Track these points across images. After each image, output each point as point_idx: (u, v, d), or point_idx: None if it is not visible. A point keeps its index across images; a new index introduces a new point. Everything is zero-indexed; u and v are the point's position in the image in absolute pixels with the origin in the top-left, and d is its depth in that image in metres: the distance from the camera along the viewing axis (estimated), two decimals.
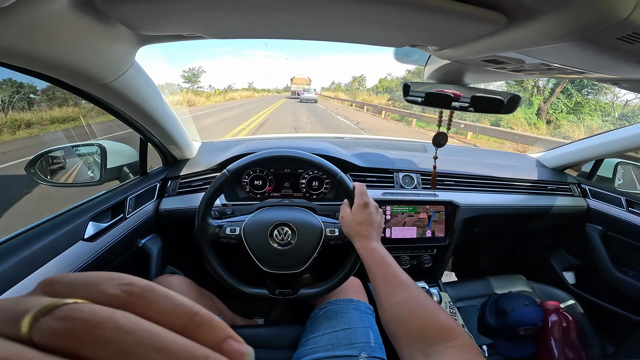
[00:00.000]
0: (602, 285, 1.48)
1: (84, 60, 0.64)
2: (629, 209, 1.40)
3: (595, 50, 0.51)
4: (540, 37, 0.50)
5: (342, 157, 1.33)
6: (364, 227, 0.84)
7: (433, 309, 0.61)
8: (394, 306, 0.65)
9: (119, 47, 0.69)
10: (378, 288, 0.71)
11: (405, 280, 0.69)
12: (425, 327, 0.58)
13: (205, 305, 0.86)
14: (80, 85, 0.73)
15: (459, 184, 1.41)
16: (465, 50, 0.64)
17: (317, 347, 0.90)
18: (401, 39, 0.66)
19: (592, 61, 0.58)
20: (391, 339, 0.63)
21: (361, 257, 0.81)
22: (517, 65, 0.69)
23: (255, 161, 0.92)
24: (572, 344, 1.25)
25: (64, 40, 0.55)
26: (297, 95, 41.02)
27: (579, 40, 0.48)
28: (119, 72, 0.74)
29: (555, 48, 0.52)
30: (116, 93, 0.81)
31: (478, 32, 0.54)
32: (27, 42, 0.51)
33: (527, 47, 0.54)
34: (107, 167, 1.13)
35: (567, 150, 1.60)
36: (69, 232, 0.82)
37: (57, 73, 0.65)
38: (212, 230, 0.92)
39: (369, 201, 0.88)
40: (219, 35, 0.63)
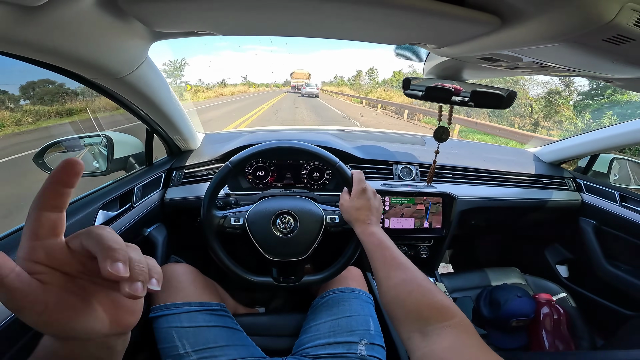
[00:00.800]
0: (594, 279, 1.51)
1: (103, 55, 0.67)
2: (622, 204, 1.43)
3: (583, 51, 0.54)
4: (531, 37, 0.53)
5: (342, 149, 1.36)
6: (363, 212, 0.87)
7: (429, 289, 0.62)
8: (392, 287, 0.67)
9: (135, 43, 0.72)
10: (377, 271, 0.72)
11: (403, 262, 0.71)
12: (421, 307, 0.59)
13: (208, 293, 0.90)
14: (98, 79, 0.76)
15: (457, 177, 1.44)
16: (462, 49, 0.67)
17: (318, 334, 0.94)
18: (401, 37, 0.69)
19: (581, 61, 0.61)
20: (390, 320, 0.65)
21: (361, 242, 0.83)
22: (512, 63, 0.72)
23: (256, 153, 0.96)
24: (563, 336, 1.28)
25: (86, 36, 0.59)
26: (297, 89, 40.75)
27: (567, 42, 0.51)
28: (133, 66, 0.78)
29: (546, 48, 0.55)
30: (130, 86, 0.84)
31: (473, 32, 0.57)
32: (55, 39, 0.54)
33: (520, 47, 0.57)
34: (114, 157, 1.15)
35: (564, 145, 1.62)
36: (81, 221, 0.85)
37: (78, 68, 0.68)
38: (217, 221, 0.95)
39: (366, 187, 0.91)
40: (229, 33, 0.66)
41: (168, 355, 0.84)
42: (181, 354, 0.83)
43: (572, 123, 10.57)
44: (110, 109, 5.00)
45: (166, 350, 0.85)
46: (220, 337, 0.88)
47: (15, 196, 3.76)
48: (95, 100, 8.34)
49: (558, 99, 11.37)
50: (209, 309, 0.93)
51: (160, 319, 0.89)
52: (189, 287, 0.96)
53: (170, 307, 0.90)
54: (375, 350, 0.92)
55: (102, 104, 6.81)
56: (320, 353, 0.89)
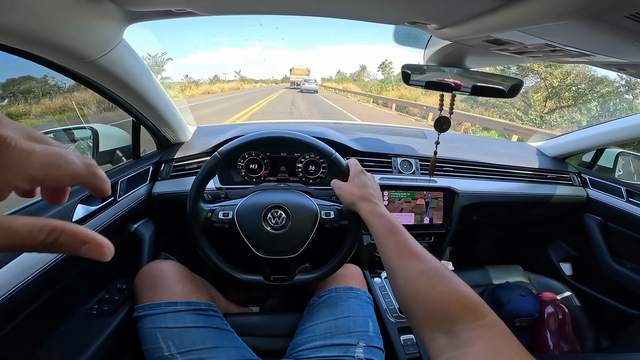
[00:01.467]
0: (599, 277, 1.47)
1: (67, 36, 0.61)
2: (629, 200, 1.39)
3: (602, 30, 0.49)
4: (543, 13, 0.47)
5: (340, 141, 1.31)
6: (367, 190, 0.80)
7: (455, 282, 0.54)
8: (409, 280, 0.58)
9: (105, 24, 0.66)
10: (390, 260, 0.63)
11: (421, 250, 0.63)
12: (447, 304, 0.51)
13: (196, 291, 0.85)
14: (64, 62, 0.71)
15: (458, 171, 1.40)
16: (466, 29, 0.62)
17: (315, 335, 0.89)
18: (400, 15, 0.63)
19: (598, 42, 0.56)
20: (408, 319, 0.57)
21: (368, 224, 0.74)
22: (519, 46, 0.67)
23: (247, 143, 0.90)
24: (567, 337, 1.24)
25: (45, 15, 0.53)
26: (296, 85, 40.73)
27: (584, 18, 0.45)
28: (105, 49, 0.72)
29: (560, 26, 0.50)
30: (103, 71, 0.78)
31: (479, 7, 0.52)
32: (9, 18, 0.49)
33: (530, 25, 0.52)
34: (99, 150, 1.11)
35: (568, 140, 1.58)
36: (57, 215, 0.79)
37: (38, 49, 0.63)
38: (205, 215, 0.90)
39: (364, 170, 0.86)
40: (209, 11, 0.61)
41: (152, 356, 0.80)
42: (166, 355, 0.78)
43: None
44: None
45: (150, 352, 0.81)
46: (208, 339, 0.84)
47: None
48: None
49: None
50: (197, 308, 0.89)
51: (144, 318, 0.85)
52: (175, 286, 0.91)
53: (154, 307, 0.85)
54: (374, 353, 0.87)
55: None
56: (315, 356, 0.85)
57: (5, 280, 0.64)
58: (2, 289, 0.62)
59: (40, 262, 0.71)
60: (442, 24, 0.64)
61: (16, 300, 0.65)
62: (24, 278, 0.67)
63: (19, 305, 0.68)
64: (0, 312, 0.62)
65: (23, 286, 0.66)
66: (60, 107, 7.22)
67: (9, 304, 0.63)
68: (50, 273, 0.73)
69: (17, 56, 0.62)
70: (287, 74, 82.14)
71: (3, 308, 0.62)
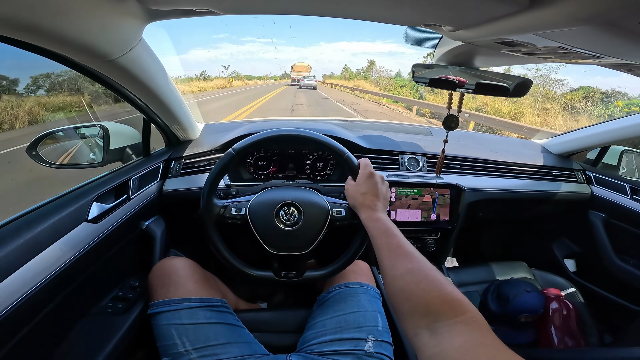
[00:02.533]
0: (602, 273, 1.49)
1: (91, 34, 0.62)
2: (633, 197, 1.40)
3: (616, 34, 0.50)
4: (562, 19, 0.48)
5: (347, 138, 1.32)
6: (369, 197, 0.83)
7: (439, 280, 0.58)
8: (397, 278, 0.62)
9: (128, 22, 0.67)
10: (382, 259, 0.68)
11: (411, 250, 0.67)
12: (430, 300, 0.55)
13: (208, 288, 0.87)
14: (86, 61, 0.72)
15: (465, 168, 1.41)
16: (481, 32, 0.63)
17: (325, 330, 0.91)
18: (417, 17, 0.64)
19: (611, 45, 0.57)
20: (395, 314, 0.61)
21: (366, 228, 0.79)
22: (532, 48, 0.68)
23: (261, 140, 0.91)
24: (572, 332, 1.26)
25: (71, 13, 0.54)
26: (297, 82, 40.39)
27: (600, 24, 0.47)
28: (126, 48, 0.73)
29: (575, 31, 0.51)
30: (122, 70, 0.79)
31: (498, 11, 0.53)
32: (32, 15, 0.50)
33: (547, 29, 0.53)
34: (110, 148, 1.12)
35: (573, 137, 1.58)
36: (73, 213, 0.81)
37: (62, 48, 0.64)
38: (217, 211, 0.91)
39: (374, 172, 0.87)
40: (229, 10, 0.61)
41: (167, 353, 0.81)
42: (181, 352, 0.80)
43: None
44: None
45: (165, 348, 0.82)
46: (221, 334, 0.85)
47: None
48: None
49: None
50: (210, 305, 0.90)
51: (159, 315, 0.86)
52: (188, 282, 0.93)
53: (169, 304, 0.87)
54: (383, 347, 0.89)
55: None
56: (326, 350, 0.86)
57: (26, 279, 0.65)
58: (22, 289, 0.64)
59: (57, 262, 0.72)
60: (457, 26, 0.65)
61: (36, 299, 0.66)
62: (42, 278, 0.68)
63: (39, 305, 0.69)
64: (21, 311, 0.63)
65: (42, 286, 0.67)
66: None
67: (28, 303, 0.64)
68: (66, 272, 0.74)
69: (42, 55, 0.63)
70: (287, 71, 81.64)
71: (23, 308, 0.63)
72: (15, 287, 0.62)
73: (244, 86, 44.75)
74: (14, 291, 0.62)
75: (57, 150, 1.12)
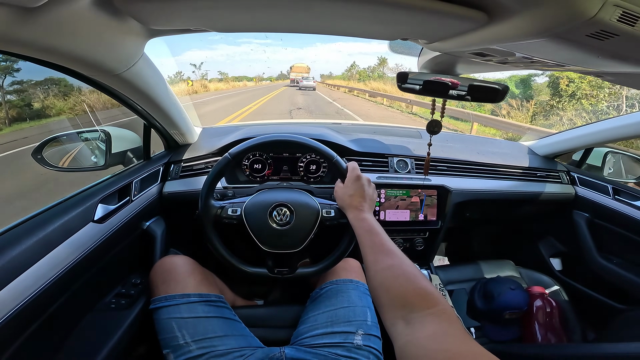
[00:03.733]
0: (586, 272, 1.52)
1: (100, 53, 0.69)
2: (615, 197, 1.44)
3: (569, 46, 0.55)
4: (517, 33, 0.54)
5: (339, 142, 1.38)
6: (356, 198, 0.89)
7: (414, 275, 0.64)
8: (378, 272, 0.69)
9: (131, 40, 0.74)
10: (366, 255, 0.74)
11: (392, 248, 0.73)
12: (406, 293, 0.61)
13: (207, 284, 0.93)
14: (96, 76, 0.78)
15: (452, 169, 1.46)
16: (452, 44, 0.69)
17: (317, 324, 0.95)
18: (392, 33, 0.70)
19: (567, 56, 0.62)
20: (376, 306, 0.66)
21: (352, 227, 0.85)
22: (502, 57, 0.74)
23: (256, 145, 0.97)
24: (555, 329, 1.30)
25: (84, 35, 0.61)
26: (296, 83, 40.12)
27: (552, 37, 0.52)
28: (130, 63, 0.79)
29: (534, 43, 0.56)
30: (127, 83, 0.86)
31: (461, 28, 0.59)
32: (53, 38, 0.56)
33: (507, 42, 0.59)
34: (112, 152, 1.17)
35: (558, 139, 1.63)
36: (81, 214, 0.86)
37: (76, 65, 0.70)
38: (215, 211, 0.97)
39: (360, 175, 0.93)
40: (224, 30, 0.68)
41: (168, 345, 0.86)
42: (181, 344, 0.85)
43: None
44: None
45: (166, 341, 0.87)
46: (219, 328, 0.90)
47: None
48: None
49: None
50: (208, 300, 0.95)
51: (160, 310, 0.91)
52: (187, 279, 0.98)
53: (170, 299, 0.92)
54: (372, 340, 0.93)
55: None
56: (317, 343, 0.90)
57: (38, 276, 0.70)
58: (35, 285, 0.68)
59: (66, 260, 0.77)
60: (430, 40, 0.71)
61: (47, 295, 0.71)
62: (53, 274, 0.73)
63: (49, 300, 0.74)
64: (34, 306, 0.68)
65: (53, 282, 0.72)
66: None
67: (40, 298, 0.69)
68: (74, 270, 0.79)
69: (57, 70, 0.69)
70: (283, 71, 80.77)
71: (36, 302, 0.68)
72: (29, 283, 0.67)
73: (228, 90, 37.45)
74: (29, 286, 0.67)
75: (62, 153, 1.17)
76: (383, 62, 50.06)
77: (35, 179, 4.10)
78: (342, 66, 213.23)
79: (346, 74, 65.46)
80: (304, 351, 0.89)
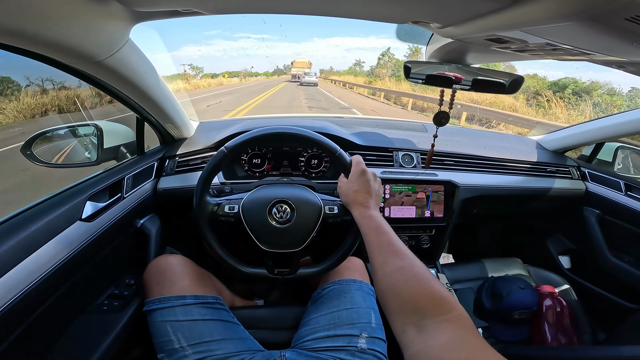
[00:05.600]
0: (597, 270, 1.49)
1: (76, 37, 0.62)
2: (628, 193, 1.40)
3: (603, 31, 0.50)
4: (546, 15, 0.48)
5: (341, 135, 1.32)
6: (361, 194, 0.84)
7: (427, 278, 0.59)
8: (387, 275, 0.63)
9: (113, 24, 0.67)
10: (373, 256, 0.69)
11: (401, 248, 0.68)
12: (417, 297, 0.56)
13: (203, 285, 0.88)
14: (73, 62, 0.72)
15: (459, 164, 1.41)
16: (468, 28, 0.63)
17: (318, 327, 0.91)
18: (403, 14, 0.64)
19: (598, 42, 0.57)
20: (384, 310, 0.61)
21: (358, 225, 0.80)
22: (521, 45, 0.68)
23: (253, 138, 0.91)
24: (565, 329, 1.26)
25: (55, 17, 0.54)
26: (297, 78, 39.79)
27: (586, 20, 0.46)
28: (113, 49, 0.73)
29: (561, 27, 0.51)
30: (110, 70, 0.79)
31: (483, 8, 0.53)
32: (17, 19, 0.50)
33: (533, 26, 0.53)
34: (104, 147, 1.12)
35: (568, 133, 1.59)
36: (67, 212, 0.81)
37: (48, 50, 0.64)
38: (211, 209, 0.92)
39: (366, 169, 0.88)
40: (215, 10, 0.62)
41: (163, 349, 0.82)
42: (176, 348, 0.81)
43: None
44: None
45: (161, 345, 0.83)
46: (216, 331, 0.86)
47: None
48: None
49: None
50: (204, 301, 0.91)
51: (154, 312, 0.87)
52: (183, 280, 0.94)
53: (164, 301, 0.88)
54: (376, 343, 0.89)
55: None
56: (319, 346, 0.87)
57: (20, 278, 0.65)
58: (17, 287, 0.64)
59: (51, 261, 0.73)
60: (444, 23, 0.65)
61: (31, 297, 0.67)
62: (37, 276, 0.69)
63: (35, 302, 0.70)
64: (18, 309, 0.64)
65: (37, 284, 0.68)
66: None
67: (25, 301, 0.65)
68: (61, 270, 0.75)
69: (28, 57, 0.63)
70: (280, 66, 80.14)
71: (20, 305, 0.64)
72: (11, 286, 0.63)
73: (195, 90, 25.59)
74: (10, 289, 0.63)
75: (52, 149, 1.13)
76: (386, 58, 38.86)
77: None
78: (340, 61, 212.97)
79: (353, 69, 60.65)
80: (305, 355, 0.85)
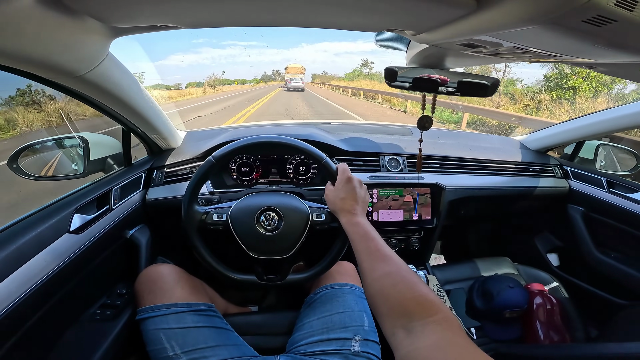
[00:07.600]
0: (584, 267, 1.50)
1: (55, 53, 0.63)
2: (610, 190, 1.42)
3: (564, 34, 0.52)
4: (509, 19, 0.50)
5: (328, 142, 1.34)
6: (348, 201, 0.85)
7: (414, 282, 0.61)
8: (376, 280, 0.65)
9: (92, 40, 0.68)
10: (361, 262, 0.71)
11: (389, 254, 0.69)
12: (405, 301, 0.57)
13: (195, 293, 0.89)
14: (54, 78, 0.73)
15: (444, 167, 1.43)
16: (440, 34, 0.65)
17: (312, 331, 0.92)
18: (377, 23, 0.66)
19: (562, 44, 0.59)
20: (374, 314, 0.63)
21: (346, 232, 0.81)
22: (492, 49, 0.70)
23: (240, 147, 0.93)
24: (557, 327, 1.27)
25: (33, 35, 0.55)
26: None
27: (547, 23, 0.49)
28: (93, 64, 0.74)
29: (525, 31, 0.53)
30: (92, 85, 0.80)
31: (449, 15, 0.55)
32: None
33: (498, 30, 0.55)
34: (91, 159, 1.12)
35: (550, 133, 1.62)
36: (55, 225, 0.82)
37: (29, 67, 0.65)
38: (199, 217, 0.93)
39: (351, 176, 0.89)
40: (193, 25, 0.63)
41: (157, 357, 0.83)
42: (170, 355, 0.82)
43: None
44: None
45: (155, 352, 0.84)
46: (210, 338, 0.87)
47: None
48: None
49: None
50: (197, 309, 0.92)
51: (147, 321, 0.88)
52: (174, 288, 0.94)
53: (156, 309, 0.88)
54: (370, 346, 0.91)
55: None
56: (313, 350, 0.88)
57: (11, 290, 0.66)
58: (7, 299, 0.65)
59: (41, 273, 0.73)
60: (418, 30, 0.67)
61: (22, 309, 0.67)
62: (27, 288, 0.69)
63: (25, 314, 0.70)
64: (8, 321, 0.64)
65: (28, 295, 0.68)
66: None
67: (15, 313, 0.65)
68: (51, 282, 0.75)
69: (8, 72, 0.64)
70: (268, 72, 79.81)
71: (10, 318, 0.64)
72: (1, 298, 0.64)
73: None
74: (1, 301, 0.63)
75: (38, 162, 1.13)
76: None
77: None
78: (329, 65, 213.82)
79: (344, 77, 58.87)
80: (299, 359, 0.86)
